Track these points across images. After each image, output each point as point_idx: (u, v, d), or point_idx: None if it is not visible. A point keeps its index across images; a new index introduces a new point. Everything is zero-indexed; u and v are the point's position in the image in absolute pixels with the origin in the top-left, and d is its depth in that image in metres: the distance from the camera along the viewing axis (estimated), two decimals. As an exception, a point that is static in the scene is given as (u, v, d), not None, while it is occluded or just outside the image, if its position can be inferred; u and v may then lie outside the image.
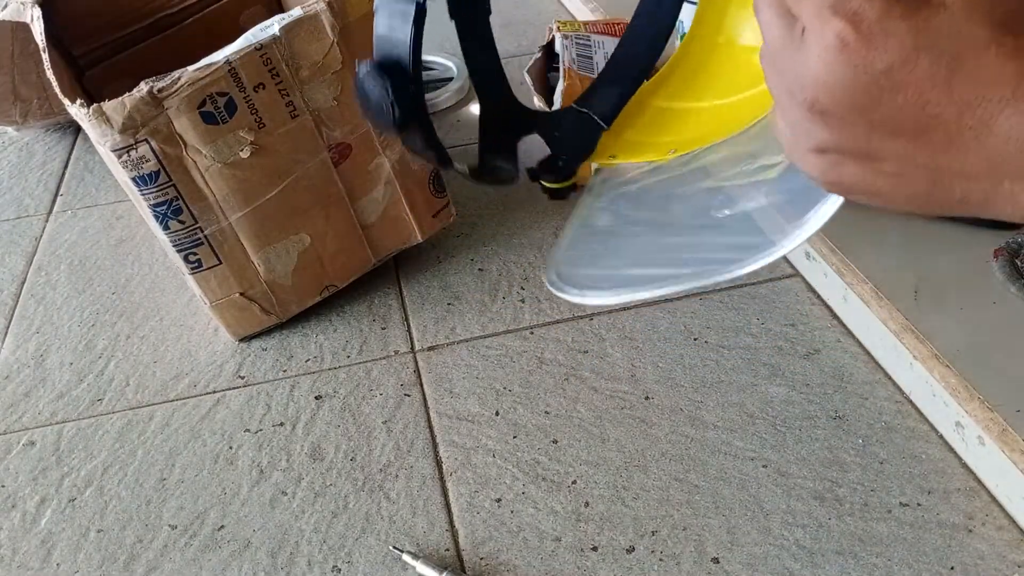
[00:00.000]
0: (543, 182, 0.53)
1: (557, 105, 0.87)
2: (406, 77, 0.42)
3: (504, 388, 0.71)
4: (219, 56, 0.64)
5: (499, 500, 0.62)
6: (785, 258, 0.81)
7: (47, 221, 0.98)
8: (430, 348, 0.76)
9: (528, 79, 0.92)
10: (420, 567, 0.57)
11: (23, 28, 0.78)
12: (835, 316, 0.74)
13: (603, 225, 0.51)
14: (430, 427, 0.68)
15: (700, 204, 0.47)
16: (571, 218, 0.52)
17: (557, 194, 0.54)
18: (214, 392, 0.73)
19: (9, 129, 1.12)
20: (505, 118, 0.50)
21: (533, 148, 0.53)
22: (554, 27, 1.00)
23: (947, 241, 0.73)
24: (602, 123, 0.53)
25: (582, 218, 0.52)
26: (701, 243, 0.45)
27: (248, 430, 0.69)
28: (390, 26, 0.42)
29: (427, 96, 1.10)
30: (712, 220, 0.45)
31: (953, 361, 0.62)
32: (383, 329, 0.78)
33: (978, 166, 0.25)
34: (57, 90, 0.67)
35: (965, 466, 0.61)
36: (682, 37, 1.03)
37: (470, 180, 0.50)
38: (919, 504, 0.59)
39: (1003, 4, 0.23)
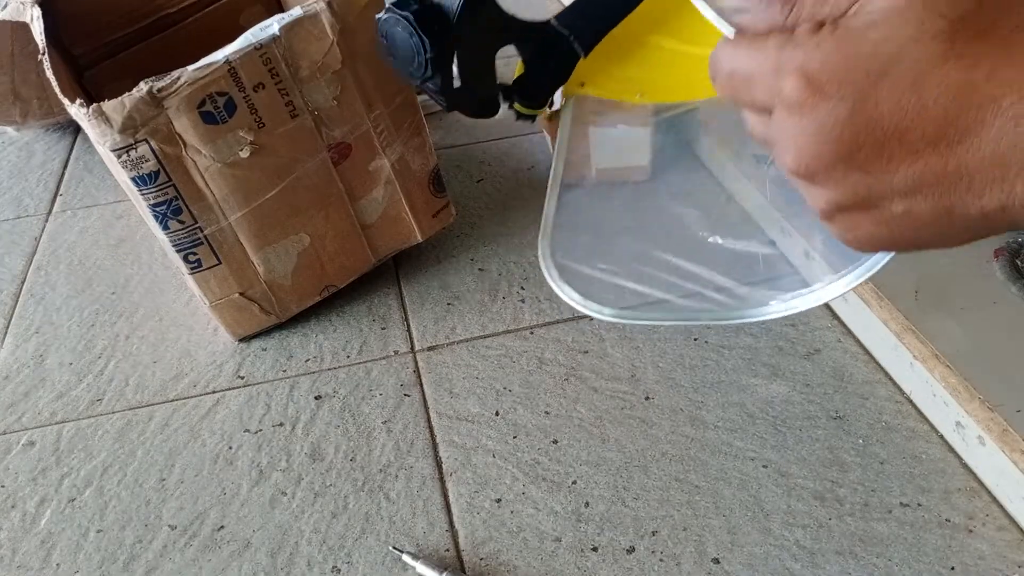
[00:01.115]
0: (516, 106, 0.49)
1: (557, 105, 0.87)
2: (446, 32, 0.38)
3: (504, 388, 0.71)
4: (219, 56, 0.64)
5: (499, 500, 0.62)
6: (785, 258, 0.81)
7: (47, 221, 0.98)
8: (430, 348, 0.75)
9: (528, 79, 0.92)
10: (420, 567, 0.57)
11: (23, 28, 0.78)
12: (835, 316, 0.74)
13: (595, 212, 0.49)
14: (430, 427, 0.68)
15: (708, 215, 0.45)
16: (554, 163, 0.49)
17: (525, 117, 0.51)
18: (214, 392, 0.73)
19: (9, 129, 1.12)
20: (486, 24, 0.44)
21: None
22: (554, 27, 1.00)
23: (947, 241, 0.73)
24: (580, 52, 0.48)
25: (563, 175, 0.48)
26: (715, 261, 0.43)
27: (248, 430, 0.69)
28: None
29: (427, 96, 1.10)
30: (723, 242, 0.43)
31: (953, 361, 0.62)
32: (383, 329, 0.78)
33: (981, 177, 0.24)
34: (57, 90, 0.67)
35: (965, 466, 0.61)
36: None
37: (444, 105, 0.46)
38: (919, 504, 0.59)
39: (942, 13, 0.23)
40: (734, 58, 0.27)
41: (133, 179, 0.66)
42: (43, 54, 0.71)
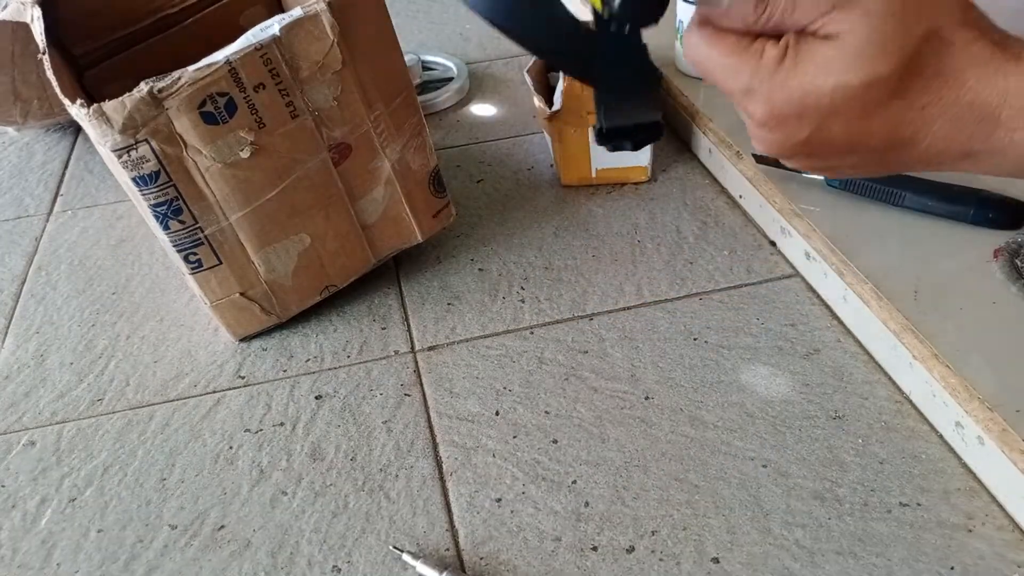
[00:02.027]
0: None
1: (558, 106, 0.87)
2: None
3: (504, 388, 0.71)
4: (219, 56, 0.64)
5: (499, 500, 0.62)
6: (785, 258, 0.81)
7: (47, 221, 0.98)
8: (430, 348, 0.76)
9: (528, 79, 0.92)
10: (420, 567, 0.57)
11: (23, 28, 0.78)
12: (835, 316, 0.74)
13: None
14: (430, 427, 0.68)
15: None
16: None
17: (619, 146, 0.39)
18: (214, 392, 0.73)
19: (9, 129, 1.12)
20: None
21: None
22: (554, 27, 1.00)
23: (947, 241, 0.73)
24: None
25: None
26: None
27: (248, 430, 0.69)
28: None
29: (427, 96, 1.10)
30: None
31: (953, 361, 0.62)
32: (383, 329, 0.78)
33: (915, 162, 0.31)
34: (57, 90, 0.67)
35: (965, 466, 0.61)
36: (682, 38, 1.03)
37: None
38: (919, 504, 0.59)
39: (888, 59, 0.28)
40: (709, 57, 0.31)
41: (134, 179, 0.66)
42: (43, 54, 0.71)
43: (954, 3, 0.28)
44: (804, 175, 0.81)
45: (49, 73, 0.69)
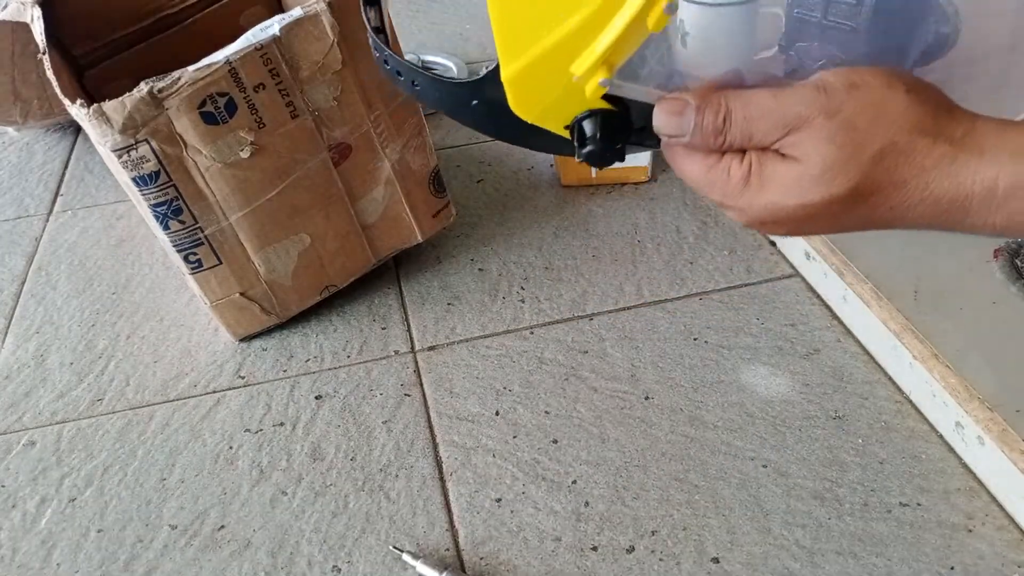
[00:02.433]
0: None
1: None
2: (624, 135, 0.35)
3: (504, 388, 0.71)
4: (219, 56, 0.64)
5: (499, 500, 0.62)
6: (785, 258, 0.81)
7: (47, 221, 0.98)
8: (430, 348, 0.76)
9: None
10: (420, 567, 0.57)
11: (23, 28, 0.78)
12: (835, 316, 0.74)
13: None
14: (430, 427, 0.68)
15: None
16: None
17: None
18: (214, 392, 0.73)
19: (9, 129, 1.12)
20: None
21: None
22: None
23: (947, 241, 0.73)
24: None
25: None
26: None
27: (248, 430, 0.69)
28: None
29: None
30: None
31: (953, 361, 0.62)
32: (383, 329, 0.78)
33: (900, 225, 0.32)
34: (57, 90, 0.67)
35: (965, 466, 0.61)
36: (682, 38, 1.03)
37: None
38: (919, 504, 0.59)
39: (847, 178, 0.30)
40: (684, 172, 0.34)
41: (134, 179, 0.66)
42: (43, 54, 0.71)
43: (908, 114, 0.29)
44: None
45: (49, 73, 0.69)
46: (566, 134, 0.35)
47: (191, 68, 0.64)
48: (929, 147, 0.29)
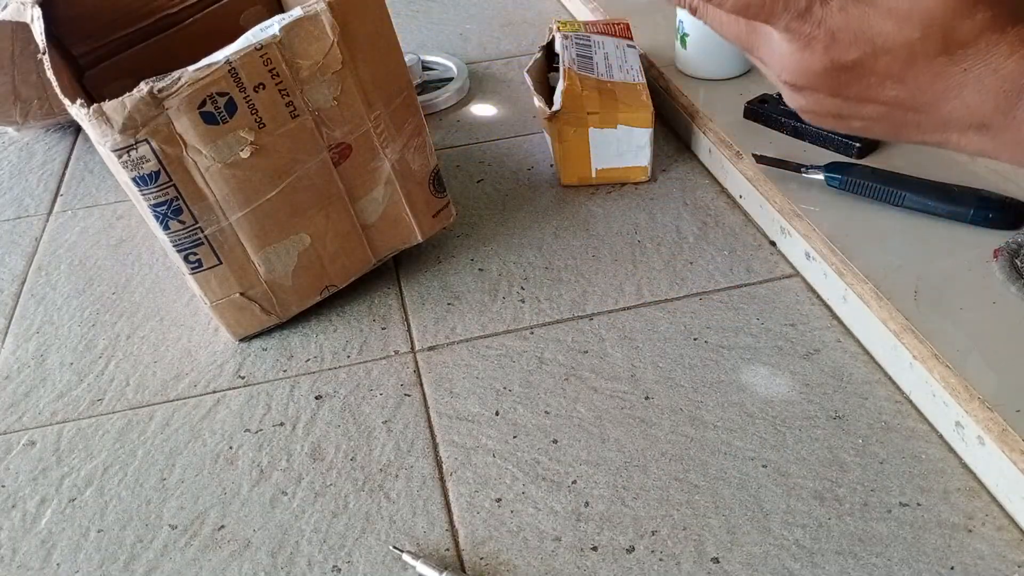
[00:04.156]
0: None
1: (557, 106, 0.87)
2: None
3: (504, 388, 0.71)
4: (219, 56, 0.64)
5: (499, 500, 0.62)
6: (785, 258, 0.81)
7: (47, 221, 0.98)
8: (430, 348, 0.76)
9: (528, 79, 0.92)
10: (420, 567, 0.57)
11: (23, 28, 0.78)
12: (835, 316, 0.74)
13: None
14: (430, 427, 0.68)
15: None
16: None
17: None
18: (214, 392, 0.73)
19: (9, 129, 1.12)
20: None
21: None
22: (554, 27, 1.00)
23: (947, 241, 0.73)
24: None
25: None
26: None
27: (248, 430, 0.69)
28: None
29: (427, 96, 1.10)
30: None
31: (953, 361, 0.62)
32: (383, 329, 0.78)
33: (930, 126, 0.32)
34: (57, 90, 0.67)
35: (965, 466, 0.61)
36: (682, 38, 1.03)
37: None
38: (919, 504, 0.59)
39: (949, 23, 0.29)
40: None
41: (134, 179, 0.66)
42: (43, 54, 0.71)
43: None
44: (804, 174, 0.81)
45: (49, 73, 0.69)
46: None
47: (191, 68, 0.64)
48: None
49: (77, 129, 1.14)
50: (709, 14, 0.33)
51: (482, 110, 1.10)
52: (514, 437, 0.66)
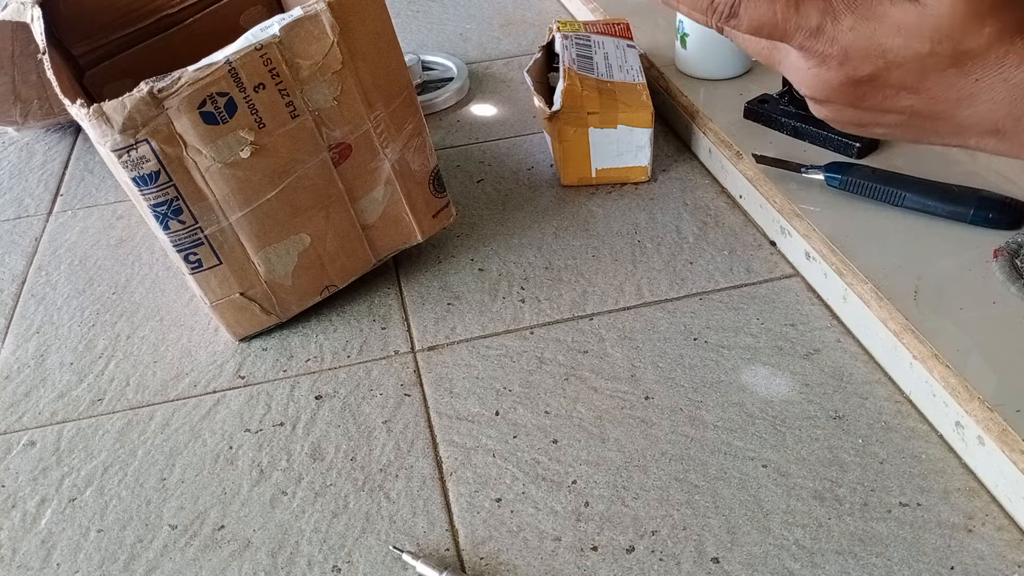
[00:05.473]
0: None
1: (557, 106, 0.87)
2: None
3: (504, 388, 0.71)
4: (219, 56, 0.64)
5: (499, 500, 0.62)
6: (785, 258, 0.81)
7: (47, 221, 0.98)
8: (430, 348, 0.76)
9: (528, 79, 0.92)
10: (420, 567, 0.57)
11: (23, 28, 0.78)
12: (835, 316, 0.74)
13: None
14: (430, 427, 0.68)
15: None
16: None
17: None
18: (214, 392, 0.73)
19: (9, 129, 1.12)
20: None
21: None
22: (554, 27, 1.00)
23: (947, 241, 0.73)
24: None
25: None
26: None
27: (248, 430, 0.69)
28: None
29: (427, 96, 1.10)
30: None
31: (953, 361, 0.62)
32: (383, 329, 0.78)
33: (948, 131, 0.33)
34: (57, 90, 0.67)
35: (965, 466, 0.61)
36: (682, 38, 1.03)
37: None
38: (919, 504, 0.59)
39: (957, 37, 0.30)
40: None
41: (134, 179, 0.66)
42: (43, 54, 0.71)
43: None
44: (804, 174, 0.81)
45: (49, 73, 0.69)
46: None
47: (191, 68, 0.64)
48: None
49: (77, 129, 1.14)
50: (731, 33, 0.34)
51: (482, 110, 1.10)
52: (514, 437, 0.66)
